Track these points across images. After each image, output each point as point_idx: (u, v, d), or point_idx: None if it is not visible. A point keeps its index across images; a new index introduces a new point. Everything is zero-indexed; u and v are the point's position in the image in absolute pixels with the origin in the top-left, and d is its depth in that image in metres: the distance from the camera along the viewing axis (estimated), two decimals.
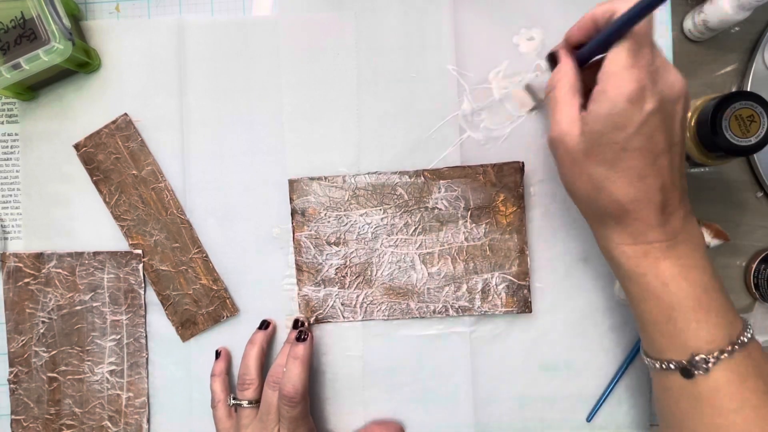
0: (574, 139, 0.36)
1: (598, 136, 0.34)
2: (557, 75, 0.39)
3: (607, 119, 0.34)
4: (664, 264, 0.35)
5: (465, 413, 0.51)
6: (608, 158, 0.35)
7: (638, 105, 0.33)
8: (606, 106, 0.34)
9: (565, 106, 0.37)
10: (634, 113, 0.33)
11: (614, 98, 0.34)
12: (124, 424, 0.52)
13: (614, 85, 0.34)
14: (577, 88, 0.38)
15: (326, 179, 0.51)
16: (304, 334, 0.47)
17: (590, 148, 0.35)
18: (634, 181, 0.34)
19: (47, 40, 0.46)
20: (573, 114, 0.36)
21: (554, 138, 0.37)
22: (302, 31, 0.51)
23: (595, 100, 0.35)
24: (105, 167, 0.52)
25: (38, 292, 0.52)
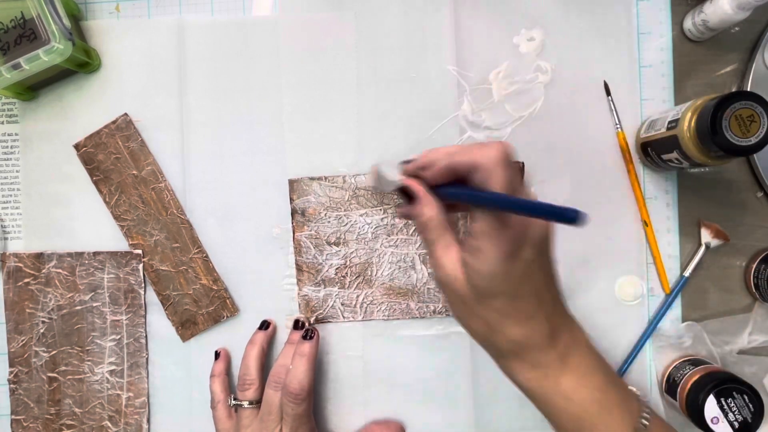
0: (461, 284, 0.36)
1: (483, 289, 0.35)
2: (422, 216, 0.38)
3: (489, 277, 0.34)
4: (563, 380, 0.37)
5: (465, 413, 0.51)
6: (498, 306, 0.36)
7: (516, 258, 0.34)
8: (485, 265, 0.34)
9: (442, 249, 0.37)
10: (515, 266, 0.34)
11: (491, 258, 0.34)
12: (124, 424, 0.52)
13: (489, 245, 0.34)
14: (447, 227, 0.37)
15: (326, 179, 0.51)
16: (310, 333, 0.47)
17: (479, 297, 0.36)
18: (524, 321, 0.36)
19: (47, 40, 0.46)
20: (453, 258, 0.36)
21: (441, 281, 0.38)
22: (302, 31, 0.51)
23: (474, 257, 0.35)
24: (105, 167, 0.52)
25: (38, 292, 0.52)
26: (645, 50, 0.50)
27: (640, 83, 0.50)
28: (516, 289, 0.35)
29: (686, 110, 0.42)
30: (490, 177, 0.33)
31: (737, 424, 0.45)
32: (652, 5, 0.50)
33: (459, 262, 0.36)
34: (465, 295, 0.36)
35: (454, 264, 0.36)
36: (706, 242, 0.50)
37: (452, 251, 0.37)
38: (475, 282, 0.35)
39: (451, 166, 0.36)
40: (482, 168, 0.34)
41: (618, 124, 0.50)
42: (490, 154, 0.34)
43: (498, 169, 0.33)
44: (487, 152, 0.34)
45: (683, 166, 0.45)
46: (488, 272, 0.34)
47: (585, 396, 0.37)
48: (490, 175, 0.33)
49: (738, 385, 0.45)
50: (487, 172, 0.33)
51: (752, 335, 0.50)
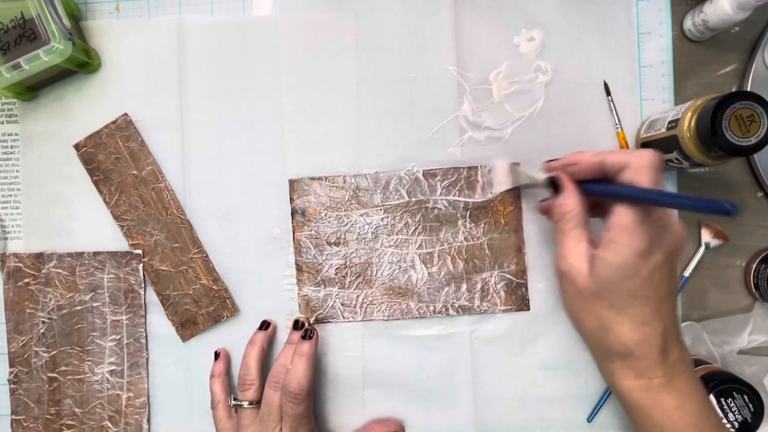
0: (583, 277, 0.37)
1: (607, 282, 0.36)
2: (564, 206, 0.40)
3: (617, 269, 0.36)
4: (666, 397, 0.37)
5: (465, 413, 0.51)
6: (616, 303, 0.36)
7: (647, 258, 0.35)
8: (617, 257, 0.36)
9: (573, 241, 0.39)
10: (644, 265, 0.36)
11: (625, 252, 0.35)
12: (124, 424, 0.52)
13: (626, 239, 0.35)
14: (584, 222, 0.39)
15: (326, 179, 0.51)
16: (310, 332, 0.47)
17: (599, 291, 0.37)
18: (639, 326, 0.37)
19: (47, 40, 0.46)
20: (582, 250, 0.38)
21: (563, 271, 0.39)
22: (302, 31, 0.51)
23: (606, 249, 0.36)
24: (105, 167, 0.52)
25: (38, 292, 0.52)
26: (645, 50, 0.50)
27: (640, 83, 0.50)
28: (639, 289, 0.36)
29: (686, 110, 0.42)
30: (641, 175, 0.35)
31: (737, 424, 0.45)
32: (652, 5, 0.50)
33: (586, 255, 0.38)
34: (585, 287, 0.37)
35: (581, 256, 0.38)
36: (706, 242, 0.50)
37: (582, 244, 0.38)
38: (603, 273, 0.36)
39: (602, 162, 0.38)
40: (633, 167, 0.35)
41: (618, 123, 0.50)
42: (644, 155, 0.36)
43: (650, 169, 0.35)
44: (640, 154, 0.36)
45: (683, 166, 0.45)
46: (618, 264, 0.35)
47: (684, 417, 0.37)
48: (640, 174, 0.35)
49: (738, 385, 0.45)
50: (638, 171, 0.35)
51: (752, 335, 0.50)
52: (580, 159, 0.40)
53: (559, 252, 0.39)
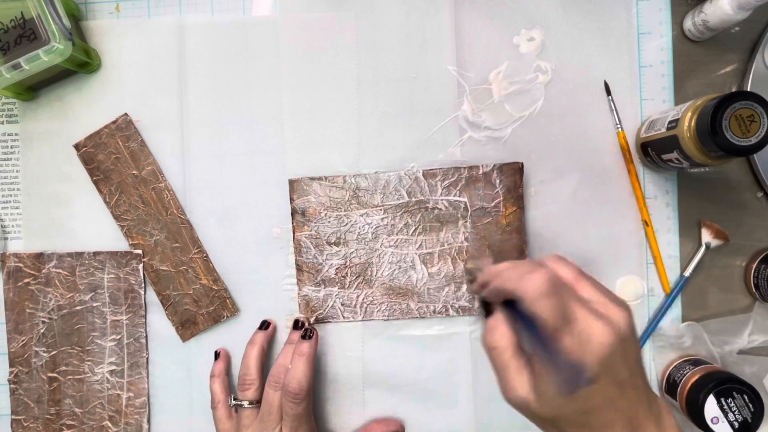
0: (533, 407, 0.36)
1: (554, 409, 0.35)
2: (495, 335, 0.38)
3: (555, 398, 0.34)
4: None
5: (465, 413, 0.51)
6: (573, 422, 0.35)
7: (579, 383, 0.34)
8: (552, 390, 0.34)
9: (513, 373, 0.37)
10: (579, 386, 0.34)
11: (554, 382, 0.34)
12: (125, 424, 0.52)
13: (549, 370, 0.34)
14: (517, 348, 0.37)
15: (326, 179, 0.51)
16: (309, 332, 0.47)
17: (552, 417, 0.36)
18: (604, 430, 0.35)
19: (47, 40, 0.46)
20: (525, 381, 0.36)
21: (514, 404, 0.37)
22: (302, 31, 0.51)
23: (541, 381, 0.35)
24: (105, 167, 0.52)
25: (38, 292, 0.52)
26: (645, 50, 0.50)
27: (640, 83, 0.50)
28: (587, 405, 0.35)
29: (686, 110, 0.42)
30: (537, 309, 0.33)
31: (737, 424, 0.45)
32: (652, 5, 0.50)
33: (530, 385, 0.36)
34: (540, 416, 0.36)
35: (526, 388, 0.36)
36: (706, 242, 0.50)
37: (524, 374, 0.36)
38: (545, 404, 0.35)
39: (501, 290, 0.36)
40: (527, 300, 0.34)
41: (618, 123, 0.50)
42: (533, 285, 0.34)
43: (543, 302, 0.33)
44: (529, 283, 0.34)
45: (683, 166, 0.45)
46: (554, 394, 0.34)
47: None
48: (536, 308, 0.33)
49: (738, 385, 0.45)
50: (532, 303, 0.33)
51: (752, 335, 0.50)
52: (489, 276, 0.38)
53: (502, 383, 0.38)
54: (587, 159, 0.50)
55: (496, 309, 0.39)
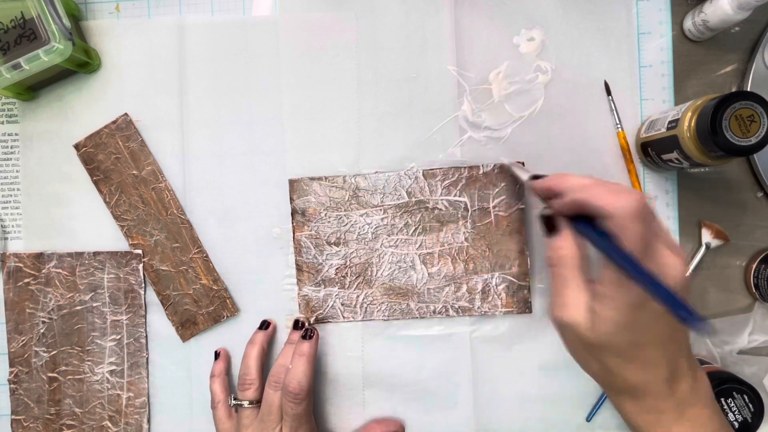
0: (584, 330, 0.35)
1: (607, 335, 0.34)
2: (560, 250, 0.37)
3: (615, 324, 0.34)
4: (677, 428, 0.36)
5: (465, 413, 0.51)
6: (621, 353, 0.35)
7: (644, 308, 0.33)
8: (612, 312, 0.34)
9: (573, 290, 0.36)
10: (642, 316, 0.34)
11: (620, 307, 0.33)
12: (125, 424, 0.52)
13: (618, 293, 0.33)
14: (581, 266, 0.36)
15: (326, 179, 0.51)
16: (310, 332, 0.47)
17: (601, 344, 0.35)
18: (645, 368, 0.35)
19: (47, 40, 0.46)
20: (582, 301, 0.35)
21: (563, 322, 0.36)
22: (302, 31, 0.51)
23: (601, 303, 0.34)
24: (105, 167, 0.52)
25: (38, 292, 0.52)
26: (645, 50, 0.50)
27: (640, 83, 0.50)
28: (640, 337, 0.34)
29: (686, 110, 0.42)
30: (624, 231, 0.32)
31: (737, 424, 0.45)
32: (652, 5, 0.50)
33: (586, 306, 0.35)
34: (587, 340, 0.35)
35: (581, 309, 0.35)
36: (706, 242, 0.50)
37: (582, 295, 0.35)
38: (601, 329, 0.34)
39: (586, 203, 0.34)
40: (615, 219, 0.32)
41: (618, 123, 0.50)
42: (625, 205, 0.32)
43: (632, 225, 0.32)
44: (622, 202, 0.32)
45: (683, 166, 0.45)
46: (615, 320, 0.33)
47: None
48: (623, 229, 0.32)
49: (738, 385, 0.45)
50: (620, 225, 0.32)
51: (752, 335, 0.50)
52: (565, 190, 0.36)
53: (556, 300, 0.37)
54: (587, 159, 0.50)
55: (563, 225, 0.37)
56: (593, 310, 0.35)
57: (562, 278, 0.36)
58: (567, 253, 0.36)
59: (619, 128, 0.50)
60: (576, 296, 0.35)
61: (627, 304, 0.33)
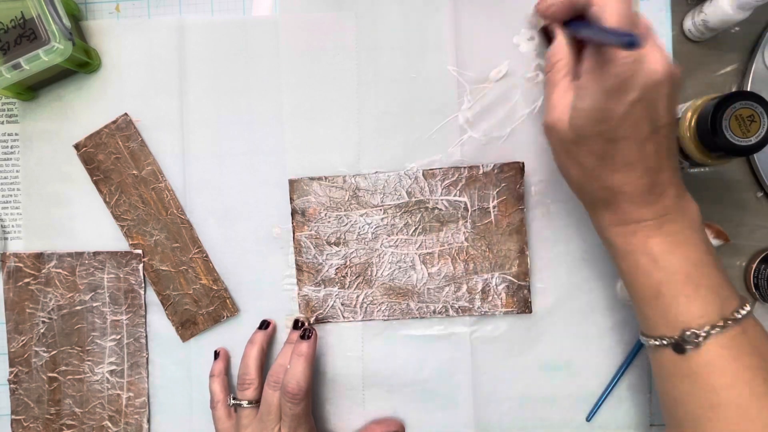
0: (564, 127, 0.36)
1: (582, 128, 0.35)
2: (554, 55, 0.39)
3: (589, 114, 0.35)
4: (653, 241, 0.36)
5: (465, 413, 0.51)
6: (596, 149, 0.35)
7: (619, 98, 0.34)
8: (586, 101, 0.35)
9: (561, 91, 0.38)
10: (616, 106, 0.34)
11: (593, 93, 0.34)
12: (125, 424, 0.52)
13: (593, 81, 0.34)
14: (571, 70, 0.38)
15: (326, 179, 0.51)
16: (308, 332, 0.47)
17: (578, 138, 0.36)
18: (621, 168, 0.35)
19: (47, 40, 0.46)
20: (567, 100, 0.37)
21: (548, 124, 0.38)
22: (302, 31, 0.51)
23: (577, 95, 0.35)
24: (105, 167, 0.52)
25: (38, 292, 0.52)
26: None
27: None
28: (615, 130, 0.34)
29: (686, 110, 0.42)
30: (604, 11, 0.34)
31: None
32: (652, 5, 0.50)
33: (569, 104, 0.36)
34: (566, 136, 0.36)
35: (565, 107, 0.36)
36: None
37: (568, 95, 0.37)
38: (576, 120, 0.35)
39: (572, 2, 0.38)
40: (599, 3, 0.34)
41: None
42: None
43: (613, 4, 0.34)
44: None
45: (683, 166, 0.45)
46: (588, 108, 0.34)
47: (674, 264, 0.35)
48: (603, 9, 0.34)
49: None
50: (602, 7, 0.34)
51: None
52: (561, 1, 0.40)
53: (546, 105, 0.38)
54: None
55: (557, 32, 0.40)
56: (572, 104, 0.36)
57: (552, 83, 0.38)
58: (559, 57, 0.39)
59: None
60: (562, 97, 0.37)
61: (600, 91, 0.34)
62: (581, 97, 0.35)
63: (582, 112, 0.35)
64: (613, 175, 0.35)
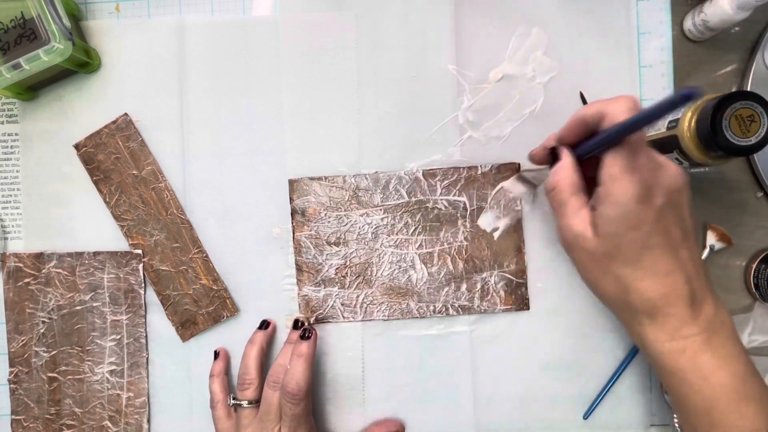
0: (591, 241, 0.36)
1: (614, 238, 0.34)
2: (558, 174, 0.39)
3: (620, 221, 0.34)
4: (703, 358, 0.35)
5: (465, 413, 0.51)
6: (631, 258, 0.35)
7: (648, 203, 0.34)
8: (616, 209, 0.34)
9: (572, 209, 0.37)
10: (646, 211, 0.34)
11: (622, 200, 0.34)
12: (125, 424, 0.52)
13: (619, 187, 0.34)
14: (580, 186, 0.38)
15: (326, 179, 0.51)
16: (308, 332, 0.47)
17: (610, 250, 0.35)
18: (660, 278, 0.35)
19: (47, 40, 0.46)
20: (584, 216, 0.36)
21: (570, 241, 0.37)
22: (302, 31, 0.51)
23: (604, 203, 0.35)
24: (105, 167, 0.52)
25: (38, 292, 0.52)
26: (645, 50, 0.50)
27: (640, 83, 0.50)
28: (648, 237, 0.34)
29: (686, 110, 0.42)
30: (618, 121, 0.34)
31: None
32: (652, 5, 0.50)
33: (588, 219, 0.36)
34: (595, 250, 0.35)
35: (584, 222, 0.36)
36: (711, 245, 0.50)
37: (583, 211, 0.37)
38: (607, 230, 0.34)
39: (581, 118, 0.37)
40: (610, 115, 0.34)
41: None
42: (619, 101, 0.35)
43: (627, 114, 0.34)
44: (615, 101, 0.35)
45: (683, 166, 0.45)
46: (618, 216, 0.34)
47: (724, 381, 0.35)
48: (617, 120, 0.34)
49: None
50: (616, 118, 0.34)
51: (752, 335, 0.50)
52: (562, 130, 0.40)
53: (560, 224, 0.38)
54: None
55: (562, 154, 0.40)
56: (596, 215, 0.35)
57: (561, 202, 0.38)
58: (564, 177, 0.38)
59: None
60: (576, 214, 0.37)
61: (629, 197, 0.34)
62: (609, 205, 0.34)
63: (613, 221, 0.34)
64: (652, 286, 0.35)
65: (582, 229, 0.36)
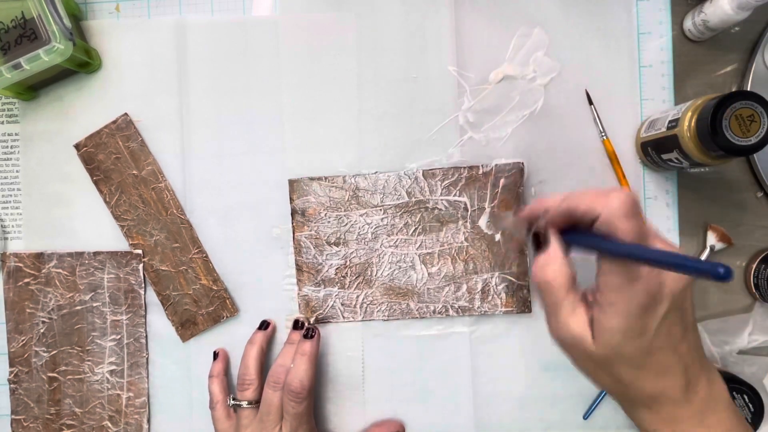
0: (590, 346, 0.34)
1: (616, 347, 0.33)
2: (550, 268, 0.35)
3: (622, 333, 0.33)
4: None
5: (465, 413, 0.51)
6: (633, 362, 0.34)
7: (652, 312, 0.32)
8: (618, 321, 0.32)
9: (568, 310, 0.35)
10: (650, 320, 0.33)
11: (626, 312, 0.32)
12: (125, 424, 0.52)
13: (621, 299, 0.32)
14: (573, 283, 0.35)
15: (326, 179, 0.51)
16: (312, 331, 0.47)
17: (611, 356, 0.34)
18: (658, 376, 0.34)
19: (48, 40, 0.46)
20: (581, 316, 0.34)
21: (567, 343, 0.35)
22: (302, 31, 0.51)
23: (604, 313, 0.33)
24: (105, 167, 0.52)
25: (38, 292, 0.52)
26: (645, 50, 0.50)
27: (640, 83, 0.50)
28: (650, 344, 0.33)
29: (686, 110, 0.42)
30: (615, 227, 0.31)
31: None
32: (652, 5, 0.50)
33: (586, 321, 0.34)
34: (594, 354, 0.34)
35: (581, 323, 0.34)
36: (711, 245, 0.50)
37: (579, 311, 0.34)
38: (607, 339, 0.33)
39: (570, 211, 0.34)
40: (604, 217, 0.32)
41: (603, 132, 0.50)
42: (612, 201, 0.31)
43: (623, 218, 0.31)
44: (608, 200, 0.31)
45: (683, 166, 0.45)
46: (621, 328, 0.32)
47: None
48: (614, 226, 0.31)
49: (738, 385, 0.45)
50: (610, 222, 0.31)
51: (752, 335, 0.50)
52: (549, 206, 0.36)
53: (553, 321, 0.35)
54: (587, 159, 0.50)
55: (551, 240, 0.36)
56: (595, 321, 0.34)
57: (554, 298, 0.35)
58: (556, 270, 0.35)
59: (604, 136, 0.50)
60: (571, 314, 0.34)
61: (632, 308, 0.32)
62: (612, 316, 0.32)
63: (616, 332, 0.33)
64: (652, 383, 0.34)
65: (580, 332, 0.34)
